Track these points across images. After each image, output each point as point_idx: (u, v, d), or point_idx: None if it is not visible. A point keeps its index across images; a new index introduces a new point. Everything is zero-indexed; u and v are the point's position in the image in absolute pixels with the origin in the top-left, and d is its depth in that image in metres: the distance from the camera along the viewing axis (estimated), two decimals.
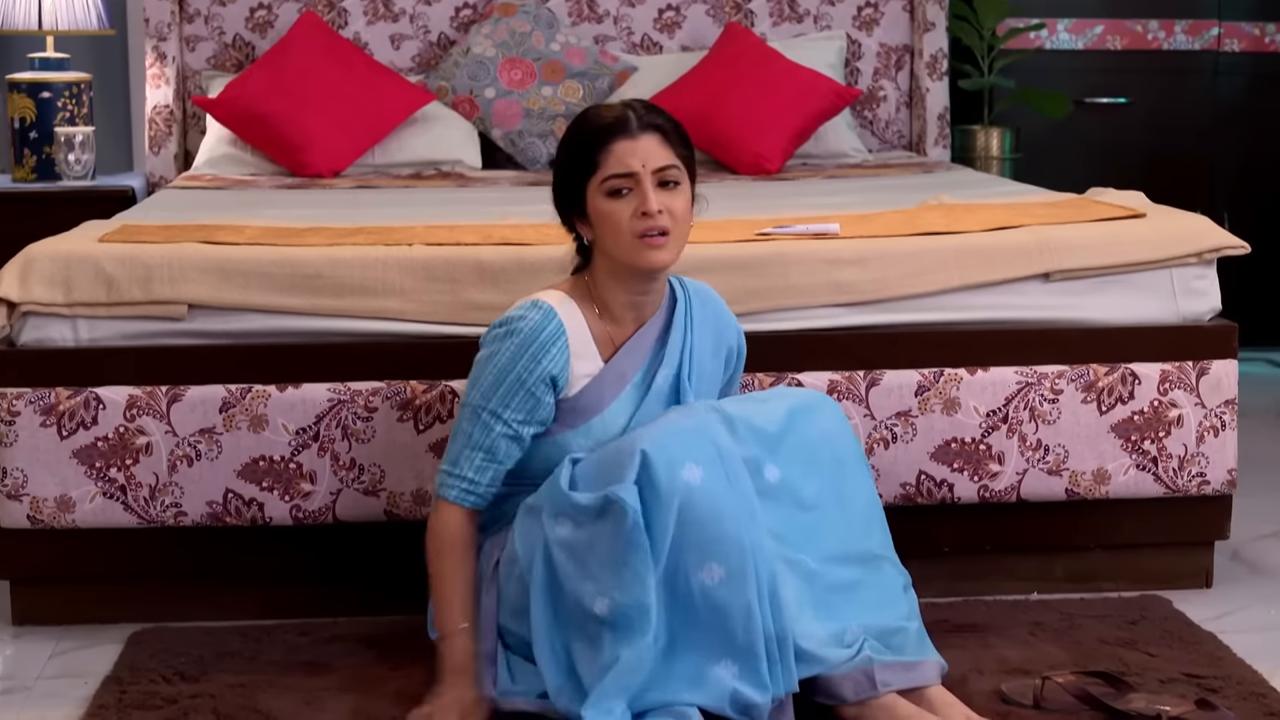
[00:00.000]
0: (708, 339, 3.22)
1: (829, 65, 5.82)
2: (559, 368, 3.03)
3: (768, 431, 3.01)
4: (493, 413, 3.02)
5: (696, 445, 2.88)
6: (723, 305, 3.29)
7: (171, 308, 3.53)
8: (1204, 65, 6.47)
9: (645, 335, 3.15)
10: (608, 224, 3.01)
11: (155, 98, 5.76)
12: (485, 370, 3.03)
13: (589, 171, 3.02)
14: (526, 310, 3.05)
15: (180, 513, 3.51)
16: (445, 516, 3.06)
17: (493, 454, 3.04)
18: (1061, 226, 3.77)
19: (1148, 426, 3.66)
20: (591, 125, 3.04)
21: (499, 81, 5.67)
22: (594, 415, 3.09)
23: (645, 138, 3.01)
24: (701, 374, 3.20)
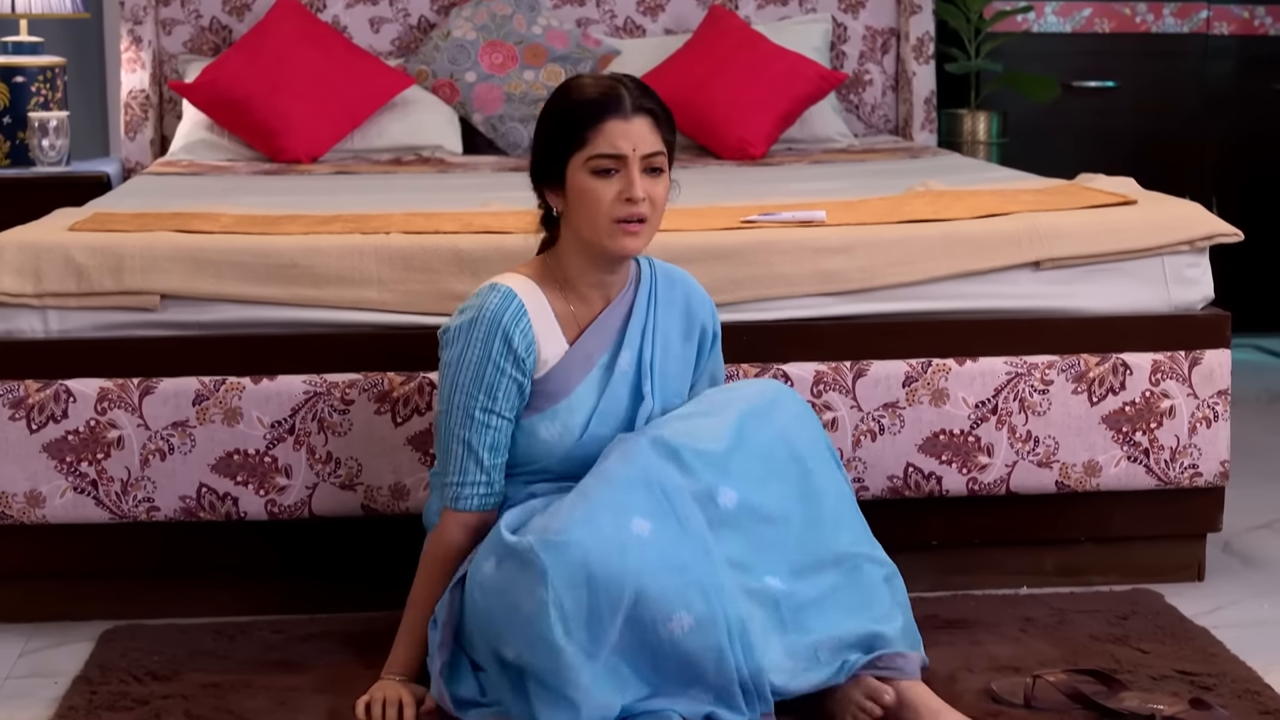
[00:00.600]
0: (676, 320, 3.14)
1: (814, 49, 5.78)
2: (526, 350, 2.96)
3: (716, 452, 2.91)
4: (486, 410, 2.95)
5: (641, 495, 2.81)
6: (694, 286, 3.20)
7: (143, 298, 3.45)
8: (1193, 48, 6.42)
9: (612, 315, 3.08)
10: (586, 202, 2.93)
11: (131, 82, 5.69)
12: (461, 370, 2.96)
13: (574, 146, 2.93)
14: (485, 295, 2.98)
15: (153, 508, 3.44)
16: (456, 534, 3.00)
17: (496, 449, 2.98)
18: (1051, 214, 3.71)
19: (1139, 417, 3.60)
20: (583, 97, 2.95)
21: (480, 65, 5.61)
22: (561, 399, 3.02)
23: (638, 120, 2.94)
24: (669, 356, 3.12)
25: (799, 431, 3.02)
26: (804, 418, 3.06)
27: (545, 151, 2.99)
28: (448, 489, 2.99)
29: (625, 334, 3.07)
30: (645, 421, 3.05)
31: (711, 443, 2.92)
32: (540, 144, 3.01)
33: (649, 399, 3.06)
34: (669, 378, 3.12)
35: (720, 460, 2.91)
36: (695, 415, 2.99)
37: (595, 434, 3.02)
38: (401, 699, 2.96)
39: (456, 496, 2.98)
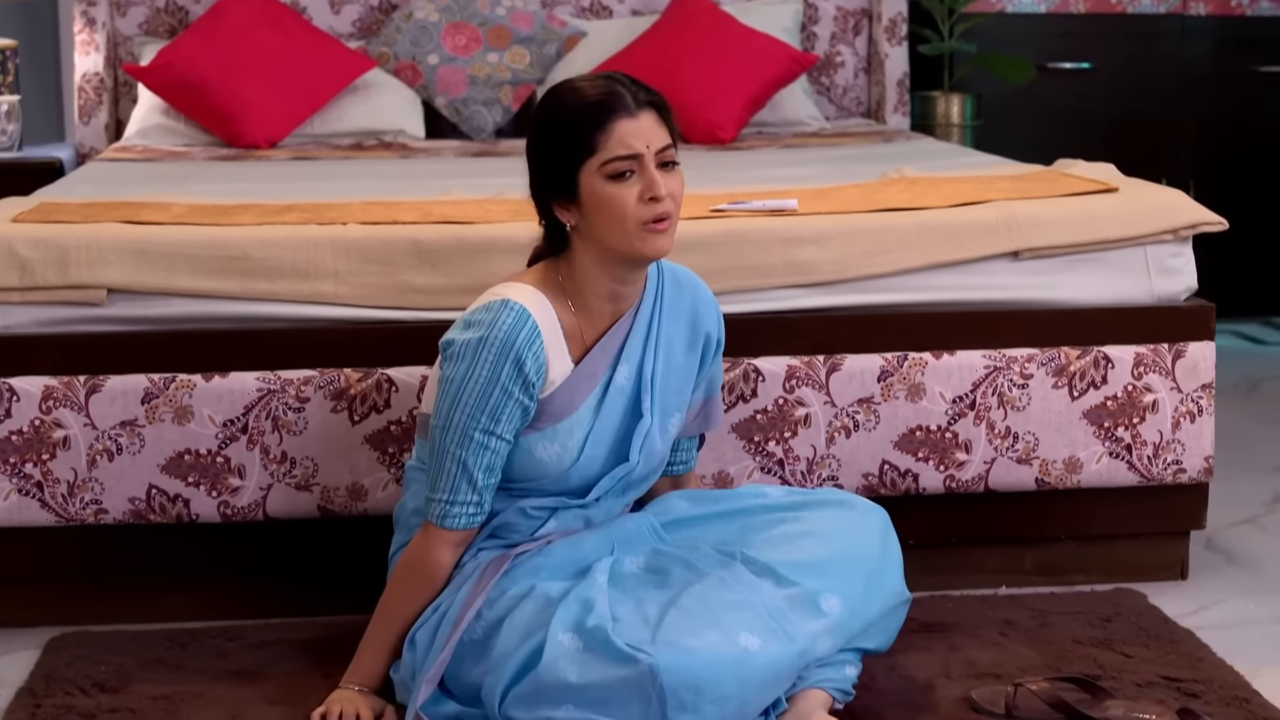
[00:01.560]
0: (681, 329, 3.01)
1: (784, 30, 5.70)
2: (537, 373, 2.82)
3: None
4: (486, 431, 2.80)
5: (746, 615, 2.75)
6: (702, 290, 3.06)
7: (89, 292, 3.34)
8: (1169, 29, 6.32)
9: (619, 329, 2.93)
10: (609, 210, 2.77)
11: (84, 65, 5.57)
12: (465, 388, 2.79)
13: (584, 153, 2.77)
14: (497, 313, 2.81)
15: (101, 510, 3.33)
16: (441, 552, 2.86)
17: (491, 469, 2.84)
18: (1030, 201, 3.61)
19: (1121, 412, 3.50)
20: (584, 101, 2.78)
21: (442, 47, 5.51)
22: (562, 419, 2.89)
23: (644, 115, 2.79)
24: (671, 369, 2.98)
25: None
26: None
27: (549, 164, 2.82)
28: (434, 504, 2.85)
29: (625, 347, 2.93)
30: (642, 440, 2.92)
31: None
32: (541, 157, 2.84)
33: (647, 416, 2.93)
34: (669, 391, 2.99)
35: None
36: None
37: (591, 455, 2.91)
38: (359, 712, 2.84)
39: (444, 515, 2.84)
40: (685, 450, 3.18)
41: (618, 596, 2.79)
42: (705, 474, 3.41)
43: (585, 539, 2.92)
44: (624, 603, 2.77)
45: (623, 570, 2.88)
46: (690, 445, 3.18)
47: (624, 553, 2.91)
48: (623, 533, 2.95)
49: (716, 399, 3.16)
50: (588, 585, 2.78)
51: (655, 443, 2.96)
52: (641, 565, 2.90)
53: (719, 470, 3.42)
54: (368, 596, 3.13)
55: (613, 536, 2.93)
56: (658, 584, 2.84)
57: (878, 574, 2.91)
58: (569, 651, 2.66)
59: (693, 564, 2.85)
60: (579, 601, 2.74)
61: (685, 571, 2.84)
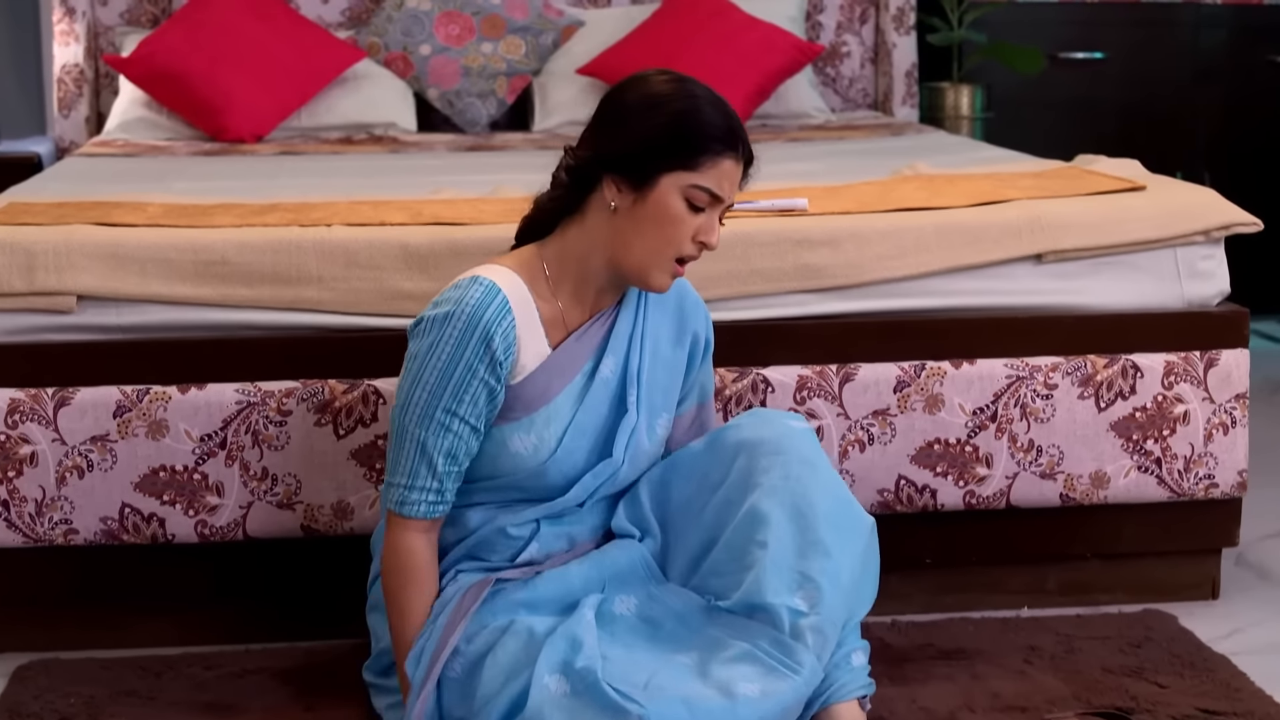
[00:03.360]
0: (667, 323, 2.87)
1: (789, 19, 5.58)
2: (505, 351, 2.65)
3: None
4: (448, 411, 2.64)
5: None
6: (687, 287, 2.93)
7: (58, 299, 3.17)
8: (1183, 17, 6.20)
9: (601, 320, 2.79)
10: (667, 227, 2.65)
11: (64, 56, 5.42)
12: (427, 364, 2.64)
13: (682, 163, 2.63)
14: (466, 288, 2.66)
15: (70, 530, 3.16)
16: (408, 539, 2.69)
17: (454, 456, 2.67)
18: (1054, 201, 3.43)
19: (1150, 424, 3.33)
20: (711, 120, 2.64)
21: (435, 37, 5.37)
22: (538, 408, 2.72)
23: (739, 168, 2.71)
24: (658, 363, 2.84)
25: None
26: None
27: (640, 146, 2.65)
28: (393, 490, 2.68)
29: (610, 339, 2.78)
30: (628, 437, 2.75)
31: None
32: (639, 135, 2.65)
33: (632, 411, 2.77)
34: (656, 388, 2.83)
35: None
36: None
37: (570, 448, 2.73)
38: None
39: (403, 500, 2.67)
40: None
41: (606, 639, 2.65)
42: None
43: (573, 573, 2.76)
44: (613, 647, 2.63)
45: (613, 611, 2.73)
46: None
47: (615, 591, 2.75)
48: (614, 568, 2.78)
49: (709, 407, 2.99)
50: (575, 622, 2.63)
51: (642, 442, 2.80)
52: (634, 610, 2.74)
53: None
54: (353, 621, 3.00)
55: (603, 572, 2.77)
56: (649, 636, 2.71)
57: (831, 513, 2.70)
58: (554, 697, 2.51)
59: (685, 618, 2.72)
60: (566, 640, 2.58)
61: (677, 627, 2.71)
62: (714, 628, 2.66)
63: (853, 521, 2.71)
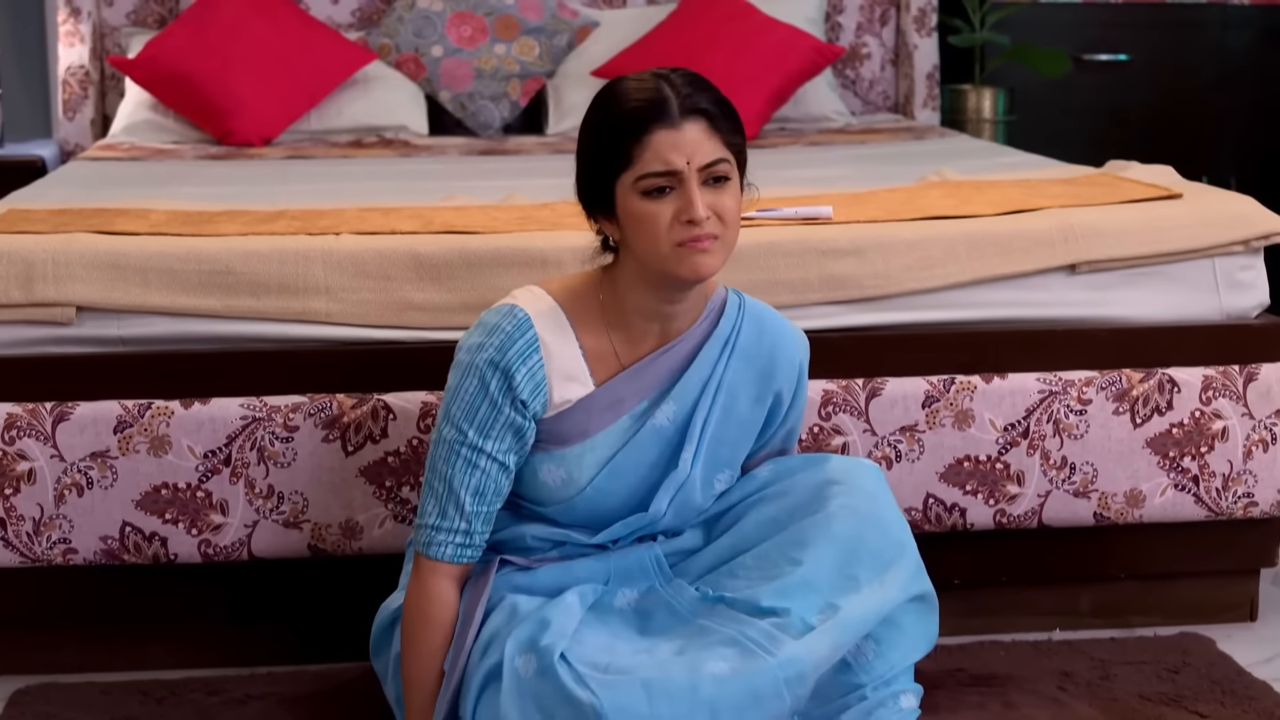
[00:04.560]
0: (750, 378, 2.69)
1: (808, 20, 5.49)
2: (532, 392, 2.54)
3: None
4: (474, 448, 2.53)
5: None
6: (786, 335, 2.74)
7: (57, 310, 3.07)
8: (1210, 19, 6.12)
9: (665, 359, 2.64)
10: (643, 229, 2.49)
11: (69, 57, 5.34)
12: (456, 399, 2.54)
13: (620, 166, 2.49)
14: (500, 318, 2.55)
15: (70, 550, 3.06)
16: (434, 584, 2.58)
17: (482, 494, 2.56)
18: (1087, 209, 3.33)
19: (1188, 441, 3.22)
20: (621, 108, 2.49)
21: (447, 39, 5.28)
22: (572, 444, 2.61)
23: (689, 125, 2.47)
24: (730, 420, 2.68)
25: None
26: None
27: (589, 175, 2.55)
28: (421, 531, 2.58)
29: (678, 383, 2.63)
30: (673, 493, 2.64)
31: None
32: (582, 166, 2.57)
33: (685, 466, 2.64)
34: (723, 444, 2.69)
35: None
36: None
37: (603, 488, 2.62)
38: None
39: (429, 541, 2.57)
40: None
41: (596, 626, 2.55)
42: None
43: (577, 565, 2.66)
44: (597, 635, 2.53)
45: (612, 604, 2.64)
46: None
47: (619, 585, 2.66)
48: (623, 563, 2.67)
49: (792, 451, 2.86)
50: (553, 604, 2.54)
51: (694, 498, 2.67)
52: (632, 602, 2.65)
53: None
54: (362, 644, 2.90)
55: (610, 566, 2.66)
56: (639, 628, 2.60)
57: (880, 555, 2.61)
58: (523, 678, 2.43)
59: (676, 609, 2.61)
60: (536, 620, 2.50)
61: (667, 618, 2.60)
62: (707, 619, 2.55)
63: (904, 571, 2.59)
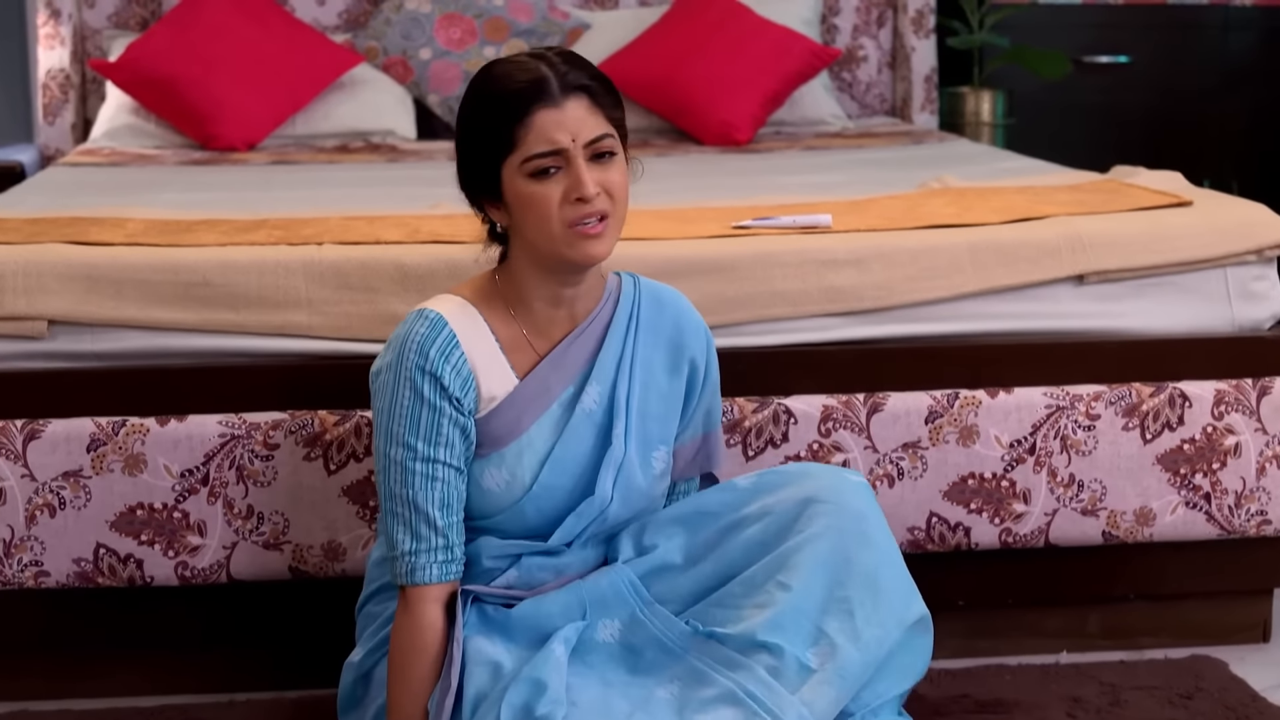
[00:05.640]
0: (661, 350, 2.63)
1: (804, 21, 5.42)
2: (461, 388, 2.45)
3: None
4: (427, 459, 2.44)
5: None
6: (686, 309, 2.69)
7: (28, 324, 2.99)
8: (1212, 20, 6.07)
9: (580, 342, 2.57)
10: (532, 211, 2.43)
11: (49, 60, 5.24)
12: (393, 416, 2.45)
13: (504, 150, 2.43)
14: (412, 323, 2.48)
15: (41, 573, 2.96)
16: (425, 612, 2.47)
17: (448, 505, 2.46)
18: (1094, 217, 3.24)
19: (1199, 457, 3.12)
20: (501, 90, 2.43)
21: (435, 41, 5.21)
22: (508, 442, 2.52)
23: (571, 103, 2.42)
24: (650, 393, 2.61)
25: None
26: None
27: (472, 161, 2.49)
28: (400, 561, 2.47)
29: (595, 364, 2.57)
30: (614, 472, 2.53)
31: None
32: (464, 153, 2.51)
33: (619, 444, 2.55)
34: (649, 419, 2.61)
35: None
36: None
37: (548, 484, 2.52)
38: None
39: (412, 569, 2.46)
40: (683, 493, 2.78)
41: (583, 672, 2.45)
42: None
43: (551, 599, 2.55)
44: (588, 685, 2.42)
45: (595, 639, 2.52)
46: (690, 487, 2.78)
47: (598, 616, 2.54)
48: (596, 592, 2.56)
49: (716, 435, 2.76)
50: (542, 660, 2.43)
51: (636, 479, 2.57)
52: (617, 634, 2.53)
53: None
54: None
55: (584, 597, 2.55)
56: (629, 666, 2.49)
57: (872, 575, 2.48)
58: None
59: (667, 646, 2.49)
60: (530, 682, 2.39)
61: (659, 654, 2.49)
62: (700, 658, 2.45)
63: (896, 595, 2.48)
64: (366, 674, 2.62)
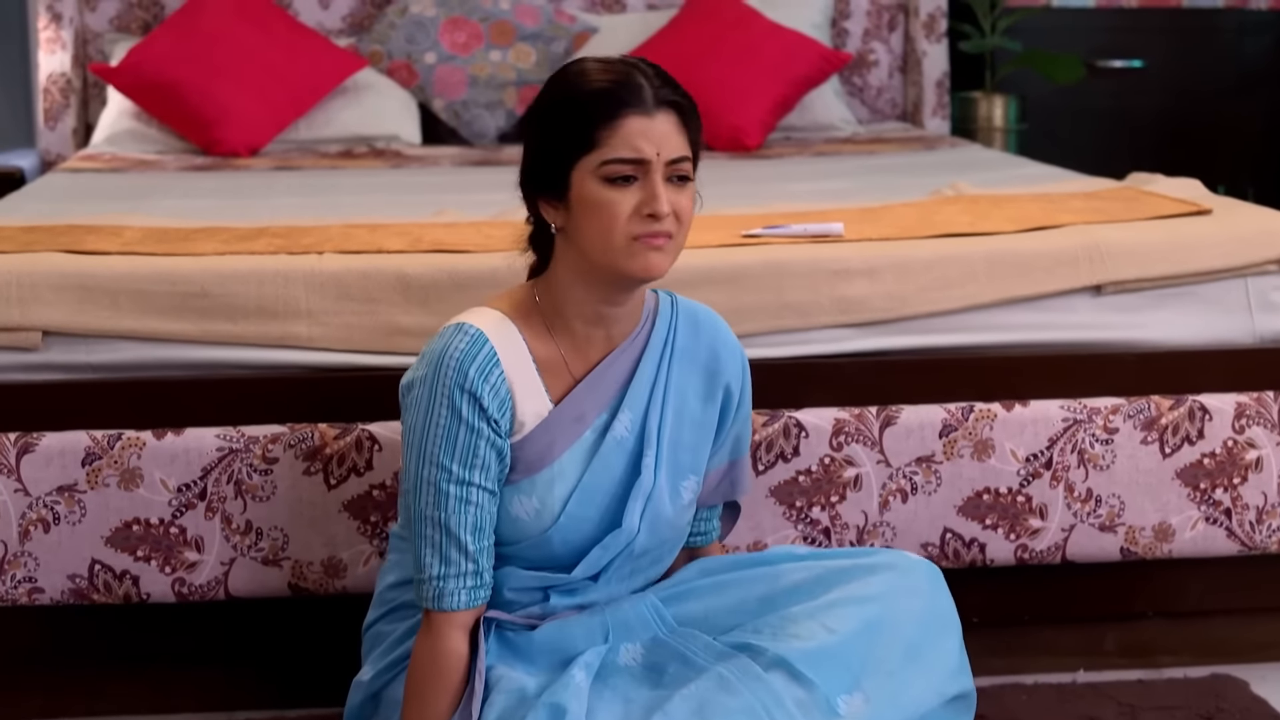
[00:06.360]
0: (695, 376, 2.54)
1: (814, 25, 5.39)
2: (499, 409, 2.36)
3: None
4: (462, 482, 2.35)
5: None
6: (723, 331, 2.60)
7: (21, 335, 2.93)
8: (1227, 24, 6.04)
9: (616, 365, 2.48)
10: (599, 217, 2.33)
11: (50, 64, 5.21)
12: (427, 435, 2.36)
13: (583, 148, 2.33)
14: (450, 338, 2.38)
15: (35, 589, 2.90)
16: (450, 639, 2.38)
17: (480, 529, 2.38)
18: (1111, 226, 3.18)
19: (1220, 471, 3.06)
20: (592, 88, 2.34)
21: (440, 45, 5.17)
22: (540, 469, 2.43)
23: (661, 116, 2.33)
24: (683, 421, 2.52)
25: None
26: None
27: (542, 154, 2.39)
28: (425, 585, 2.38)
29: (628, 390, 2.48)
30: (643, 504, 2.46)
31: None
32: (535, 144, 2.40)
33: (648, 474, 2.46)
34: (681, 448, 2.52)
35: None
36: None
37: (576, 515, 2.43)
38: None
39: (440, 593, 2.37)
40: (705, 520, 2.70)
41: (607, 696, 2.36)
42: (739, 545, 2.97)
43: (575, 622, 2.48)
44: (611, 707, 2.34)
45: (617, 662, 2.45)
46: (711, 514, 2.70)
47: (620, 640, 2.47)
48: (619, 616, 2.49)
49: (743, 461, 2.67)
50: (562, 686, 2.35)
51: (664, 509, 2.49)
52: (639, 658, 2.45)
53: (755, 540, 2.98)
54: (346, 687, 2.71)
55: (607, 621, 2.48)
56: (651, 683, 2.41)
57: (918, 646, 2.42)
58: None
59: (690, 659, 2.41)
60: (549, 709, 2.31)
61: (682, 668, 2.41)
62: (727, 666, 2.36)
63: (941, 669, 2.40)
64: (376, 694, 2.55)
